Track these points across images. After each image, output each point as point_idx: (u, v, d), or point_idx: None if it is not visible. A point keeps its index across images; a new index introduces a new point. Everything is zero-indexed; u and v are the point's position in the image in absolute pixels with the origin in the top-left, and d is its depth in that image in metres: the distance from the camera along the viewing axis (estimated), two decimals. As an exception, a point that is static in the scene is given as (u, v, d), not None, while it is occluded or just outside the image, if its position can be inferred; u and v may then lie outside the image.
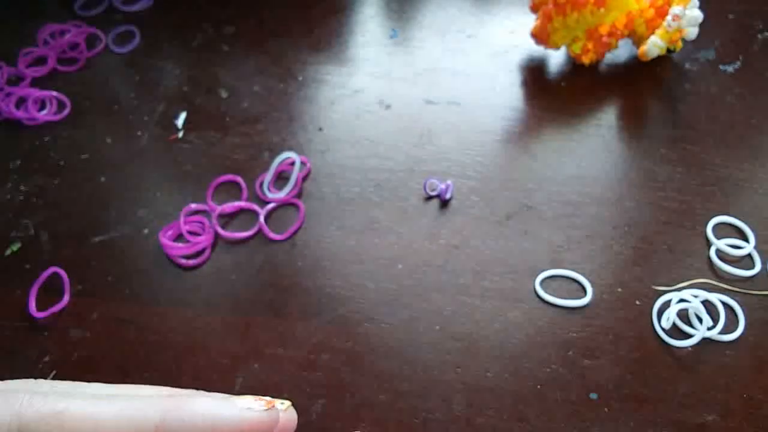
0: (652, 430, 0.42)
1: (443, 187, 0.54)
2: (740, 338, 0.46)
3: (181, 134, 0.61)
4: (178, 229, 0.54)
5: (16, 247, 0.54)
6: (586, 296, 0.48)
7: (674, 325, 0.47)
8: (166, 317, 0.49)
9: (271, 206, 0.55)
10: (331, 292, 0.50)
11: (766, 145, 0.57)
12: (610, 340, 0.46)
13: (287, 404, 0.26)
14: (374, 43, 0.68)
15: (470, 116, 0.60)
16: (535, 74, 0.64)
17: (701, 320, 0.46)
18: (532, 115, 0.61)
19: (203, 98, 0.64)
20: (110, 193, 0.57)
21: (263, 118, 0.62)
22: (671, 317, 0.46)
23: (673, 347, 0.46)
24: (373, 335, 0.47)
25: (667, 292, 0.48)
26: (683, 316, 0.47)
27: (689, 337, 0.46)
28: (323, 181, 0.57)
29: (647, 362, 0.45)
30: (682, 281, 0.49)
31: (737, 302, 0.47)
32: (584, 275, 0.49)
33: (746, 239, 0.51)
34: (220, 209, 0.54)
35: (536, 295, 0.49)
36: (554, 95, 0.62)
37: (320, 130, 0.60)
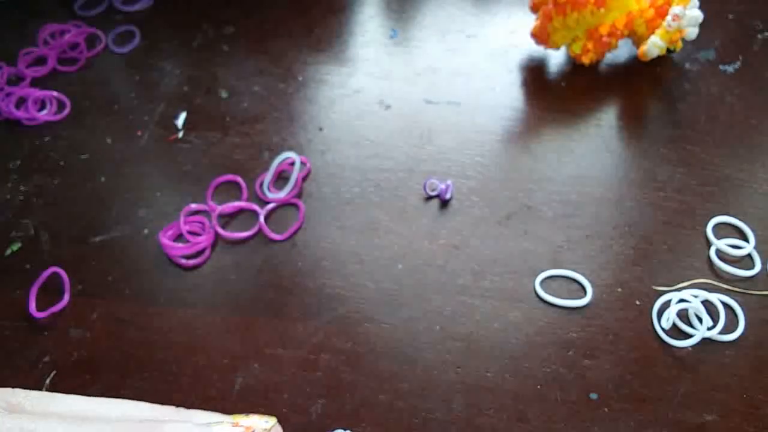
0: (652, 430, 0.42)
1: (443, 187, 0.55)
2: (740, 338, 0.46)
3: (181, 134, 0.61)
4: (178, 229, 0.54)
5: (16, 247, 0.54)
6: (586, 296, 0.48)
7: (674, 325, 0.47)
8: (166, 317, 0.49)
9: (271, 206, 0.55)
10: (331, 292, 0.50)
11: (766, 145, 0.57)
12: (610, 340, 0.46)
13: (272, 423, 0.25)
14: (374, 43, 0.68)
15: (470, 116, 0.60)
16: (535, 74, 0.64)
17: (701, 320, 0.46)
18: (532, 115, 0.61)
19: (203, 98, 0.64)
20: (110, 193, 0.57)
21: (263, 118, 0.62)
22: (671, 317, 0.46)
23: (673, 347, 0.46)
24: (373, 335, 0.47)
25: (667, 292, 0.48)
26: (683, 316, 0.47)
27: (689, 337, 0.46)
28: (323, 181, 0.57)
29: (647, 362, 0.45)
30: (682, 281, 0.49)
31: (737, 302, 0.47)
32: (584, 275, 0.49)
33: (746, 239, 0.51)
34: (220, 209, 0.54)
35: (536, 295, 0.49)
36: (554, 95, 0.62)
37: (320, 130, 0.60)
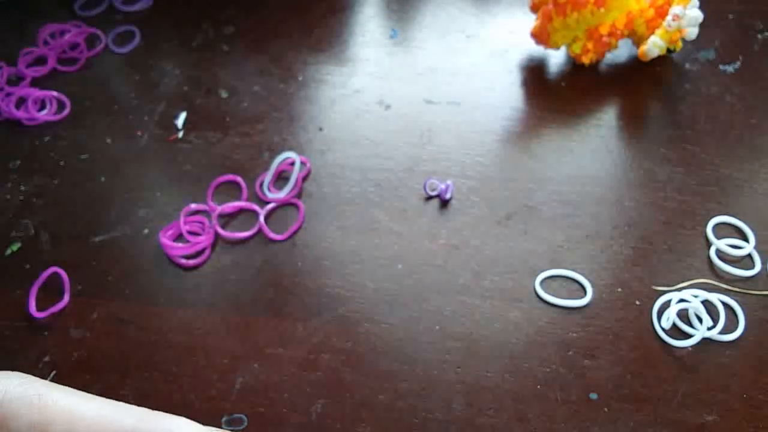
0: (652, 430, 0.42)
1: (443, 187, 0.55)
2: (740, 338, 0.46)
3: (181, 134, 0.61)
4: (178, 229, 0.54)
5: (16, 247, 0.54)
6: (586, 296, 0.48)
7: (674, 325, 0.47)
8: (166, 317, 0.49)
9: (271, 206, 0.55)
10: (331, 292, 0.50)
11: (766, 145, 0.57)
12: (610, 340, 0.46)
13: None
14: (374, 43, 0.68)
15: (470, 116, 0.60)
16: (535, 74, 0.64)
17: (701, 320, 0.46)
18: (532, 115, 0.61)
19: (203, 98, 0.64)
20: (110, 193, 0.57)
21: (263, 118, 0.62)
22: (671, 317, 0.46)
23: (673, 347, 0.46)
24: (373, 335, 0.48)
25: (667, 292, 0.48)
26: (683, 316, 0.47)
27: (689, 337, 0.46)
28: (323, 181, 0.57)
29: (647, 362, 0.45)
30: (682, 281, 0.49)
31: (737, 302, 0.47)
32: (584, 275, 0.49)
33: (746, 239, 0.51)
34: (220, 209, 0.54)
35: (536, 295, 0.49)
36: (554, 95, 0.62)
37: (320, 130, 0.60)
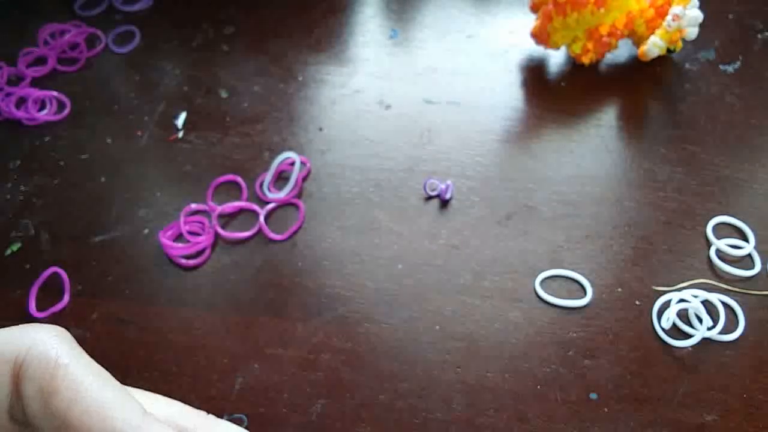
0: (652, 430, 0.42)
1: (443, 187, 0.55)
2: (740, 338, 0.46)
3: (181, 134, 0.61)
4: (178, 229, 0.54)
5: (16, 247, 0.54)
6: (586, 296, 0.48)
7: (674, 325, 0.47)
8: (166, 317, 0.49)
9: (271, 206, 0.55)
10: (331, 292, 0.50)
11: (766, 145, 0.57)
12: (610, 340, 0.46)
13: None
14: (374, 43, 0.68)
15: (470, 116, 0.60)
16: (535, 74, 0.64)
17: (701, 320, 0.46)
18: (532, 115, 0.61)
19: (203, 98, 0.64)
20: (110, 193, 0.57)
21: (263, 118, 0.62)
22: (671, 317, 0.46)
23: (673, 347, 0.46)
24: (373, 335, 0.48)
25: (667, 292, 0.48)
26: (683, 316, 0.47)
27: (689, 337, 0.46)
28: (323, 181, 0.57)
29: (647, 362, 0.45)
30: (682, 281, 0.49)
31: (737, 302, 0.47)
32: (584, 275, 0.49)
33: (746, 239, 0.51)
34: (220, 209, 0.54)
35: (536, 295, 0.49)
36: (554, 95, 0.62)
37: (320, 130, 0.60)
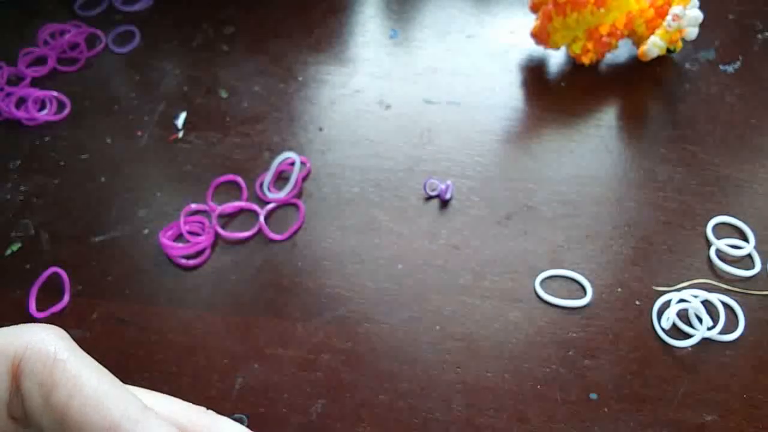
0: (652, 430, 0.42)
1: (443, 187, 0.55)
2: (740, 338, 0.46)
3: (181, 134, 0.61)
4: (178, 229, 0.54)
5: (16, 247, 0.54)
6: (586, 296, 0.48)
7: (674, 325, 0.47)
8: (166, 317, 0.49)
9: (271, 206, 0.55)
10: (331, 292, 0.50)
11: (766, 145, 0.57)
12: (610, 340, 0.46)
13: None
14: (374, 43, 0.68)
15: (470, 116, 0.60)
16: (535, 74, 0.64)
17: (701, 320, 0.46)
18: (532, 115, 0.61)
19: (203, 98, 0.64)
20: (110, 193, 0.57)
21: (263, 118, 0.62)
22: (671, 317, 0.46)
23: (673, 347, 0.46)
24: (373, 335, 0.48)
25: (667, 292, 0.48)
26: (683, 316, 0.47)
27: (689, 337, 0.46)
28: (323, 181, 0.57)
29: (647, 362, 0.45)
30: (682, 281, 0.49)
31: (737, 302, 0.47)
32: (584, 275, 0.49)
33: (746, 239, 0.51)
34: (220, 209, 0.54)
35: (536, 295, 0.49)
36: (554, 95, 0.62)
37: (320, 130, 0.60)
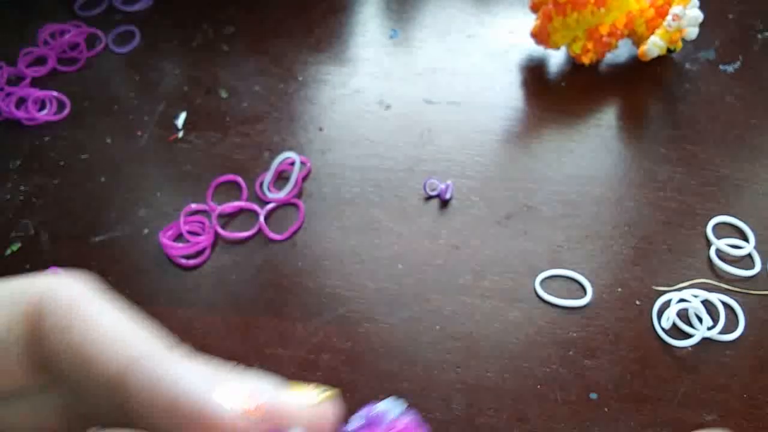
0: (652, 430, 0.42)
1: (443, 187, 0.55)
2: (740, 338, 0.46)
3: (181, 134, 0.61)
4: (178, 229, 0.54)
5: (16, 247, 0.54)
6: (586, 296, 0.48)
7: (674, 325, 0.47)
8: (166, 317, 0.49)
9: (271, 206, 0.55)
10: (331, 292, 0.50)
11: (766, 145, 0.57)
12: (610, 340, 0.46)
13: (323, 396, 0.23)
14: (374, 43, 0.68)
15: (470, 116, 0.60)
16: (535, 74, 0.64)
17: (701, 320, 0.46)
18: (532, 115, 0.61)
19: (203, 98, 0.64)
20: (110, 193, 0.57)
21: (263, 118, 0.62)
22: (671, 317, 0.46)
23: (673, 347, 0.46)
24: (373, 335, 0.48)
25: (667, 292, 0.48)
26: (683, 316, 0.47)
27: (689, 337, 0.46)
28: (323, 181, 0.57)
29: (647, 362, 0.45)
30: (682, 281, 0.49)
31: (737, 302, 0.47)
32: (584, 275, 0.49)
33: (746, 239, 0.51)
34: (220, 209, 0.54)
35: (536, 295, 0.49)
36: (554, 95, 0.62)
37: (320, 130, 0.60)
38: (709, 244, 0.51)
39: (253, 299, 0.50)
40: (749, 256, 0.50)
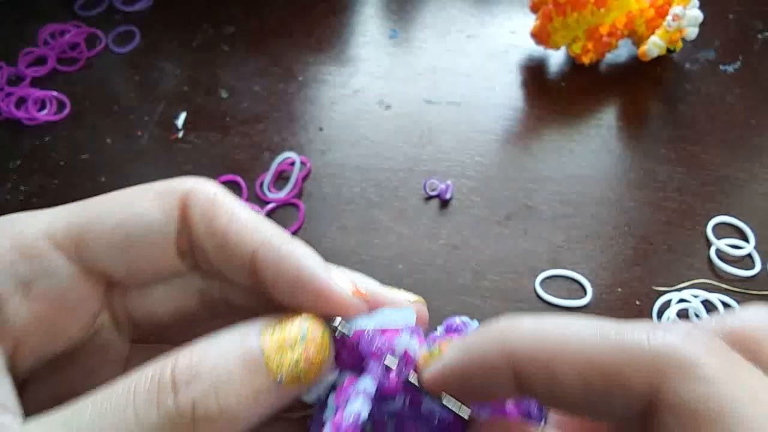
0: (652, 430, 0.42)
1: (443, 187, 0.55)
2: (740, 338, 0.46)
3: (181, 134, 0.61)
4: (178, 229, 0.54)
5: (16, 247, 0.54)
6: (586, 296, 0.48)
7: (674, 325, 0.47)
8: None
9: (271, 206, 0.55)
10: (331, 292, 0.50)
11: (766, 145, 0.57)
12: (610, 340, 0.46)
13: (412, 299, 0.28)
14: (374, 43, 0.68)
15: (470, 116, 0.60)
16: (535, 74, 0.64)
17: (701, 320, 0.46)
18: (532, 115, 0.61)
19: (203, 98, 0.64)
20: (110, 193, 0.57)
21: (263, 118, 0.62)
22: (671, 317, 0.46)
23: (673, 347, 0.46)
24: (373, 335, 0.47)
25: (667, 292, 0.48)
26: (683, 316, 0.47)
27: (689, 337, 0.46)
28: (323, 181, 0.57)
29: (647, 362, 0.45)
30: (682, 281, 0.49)
31: (737, 302, 0.47)
32: (584, 275, 0.49)
33: (746, 239, 0.51)
34: (220, 209, 0.54)
35: (536, 295, 0.49)
36: (554, 95, 0.62)
37: (320, 130, 0.60)
38: (709, 244, 0.51)
39: (253, 299, 0.50)
40: (749, 256, 0.50)
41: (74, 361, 0.28)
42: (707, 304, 0.47)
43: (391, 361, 0.26)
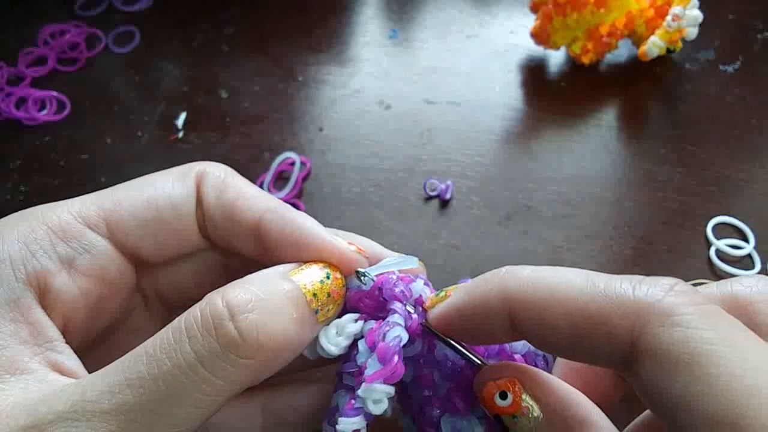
0: (652, 430, 0.42)
1: (443, 187, 0.55)
2: (740, 338, 0.46)
3: (181, 134, 0.61)
4: (178, 229, 0.54)
5: (16, 247, 0.54)
6: (586, 296, 0.48)
7: (674, 325, 0.47)
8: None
9: (271, 206, 0.55)
10: (331, 292, 0.50)
11: (766, 145, 0.57)
12: (610, 340, 0.46)
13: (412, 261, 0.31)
14: (374, 43, 0.68)
15: (470, 116, 0.60)
16: (535, 74, 0.64)
17: (701, 320, 0.46)
18: (532, 115, 0.61)
19: (203, 98, 0.64)
20: (110, 193, 0.57)
21: (263, 118, 0.62)
22: (671, 317, 0.46)
23: (673, 347, 0.46)
24: (373, 335, 0.47)
25: (667, 292, 0.48)
26: (683, 316, 0.47)
27: (689, 337, 0.46)
28: (323, 181, 0.57)
29: (647, 362, 0.45)
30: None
31: (737, 302, 0.47)
32: (584, 275, 0.49)
33: (746, 239, 0.51)
34: (220, 209, 0.54)
35: (536, 295, 0.49)
36: (554, 95, 0.62)
37: (320, 130, 0.60)
38: (709, 244, 0.51)
39: (253, 299, 0.50)
40: (749, 256, 0.50)
41: (110, 345, 0.30)
42: (707, 304, 0.47)
43: (410, 305, 0.28)
